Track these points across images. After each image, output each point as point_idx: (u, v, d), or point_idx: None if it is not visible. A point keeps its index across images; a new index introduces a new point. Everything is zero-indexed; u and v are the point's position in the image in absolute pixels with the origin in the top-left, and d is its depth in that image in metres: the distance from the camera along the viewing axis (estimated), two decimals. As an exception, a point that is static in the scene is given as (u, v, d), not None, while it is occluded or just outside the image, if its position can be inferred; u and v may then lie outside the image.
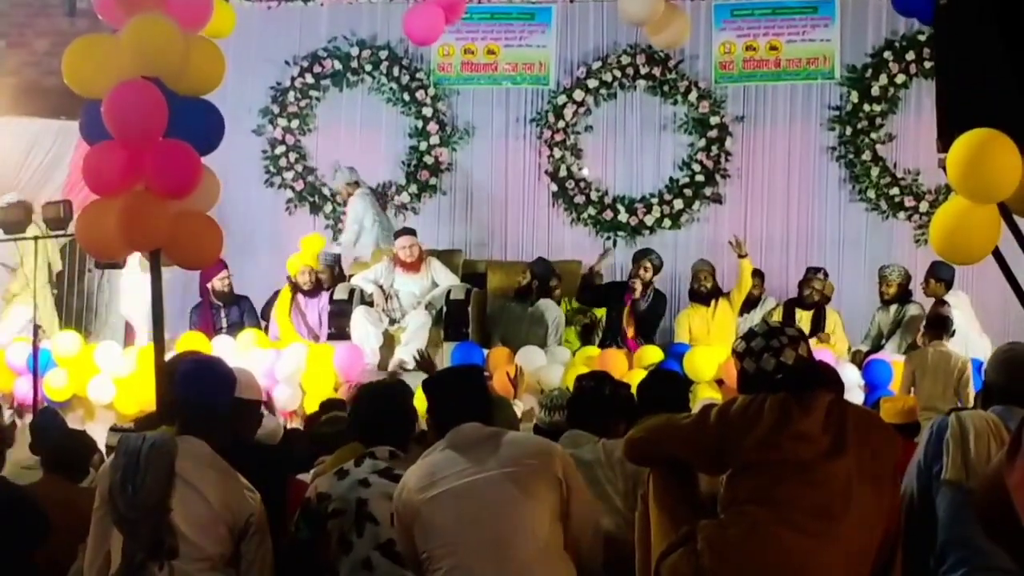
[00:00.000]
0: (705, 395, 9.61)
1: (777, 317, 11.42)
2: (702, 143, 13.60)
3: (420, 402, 4.71)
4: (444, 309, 11.33)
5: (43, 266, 11.58)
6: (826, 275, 11.80)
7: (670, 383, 5.97)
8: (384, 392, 5.10)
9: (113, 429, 6.93)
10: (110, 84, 6.28)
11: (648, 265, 11.79)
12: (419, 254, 11.71)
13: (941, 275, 10.89)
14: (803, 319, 11.35)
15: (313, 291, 12.01)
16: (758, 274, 12.15)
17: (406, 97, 13.99)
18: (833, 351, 10.64)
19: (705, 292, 11.65)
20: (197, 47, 6.64)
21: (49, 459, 6.09)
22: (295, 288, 11.98)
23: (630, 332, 11.49)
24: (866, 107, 13.31)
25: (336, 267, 12.52)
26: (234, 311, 11.90)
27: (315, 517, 4.60)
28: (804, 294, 11.69)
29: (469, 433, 4.25)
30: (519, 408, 7.83)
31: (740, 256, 11.46)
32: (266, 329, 11.81)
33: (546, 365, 10.47)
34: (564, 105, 13.77)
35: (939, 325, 10.24)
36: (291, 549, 4.65)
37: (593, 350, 10.83)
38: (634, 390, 5.80)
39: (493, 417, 4.48)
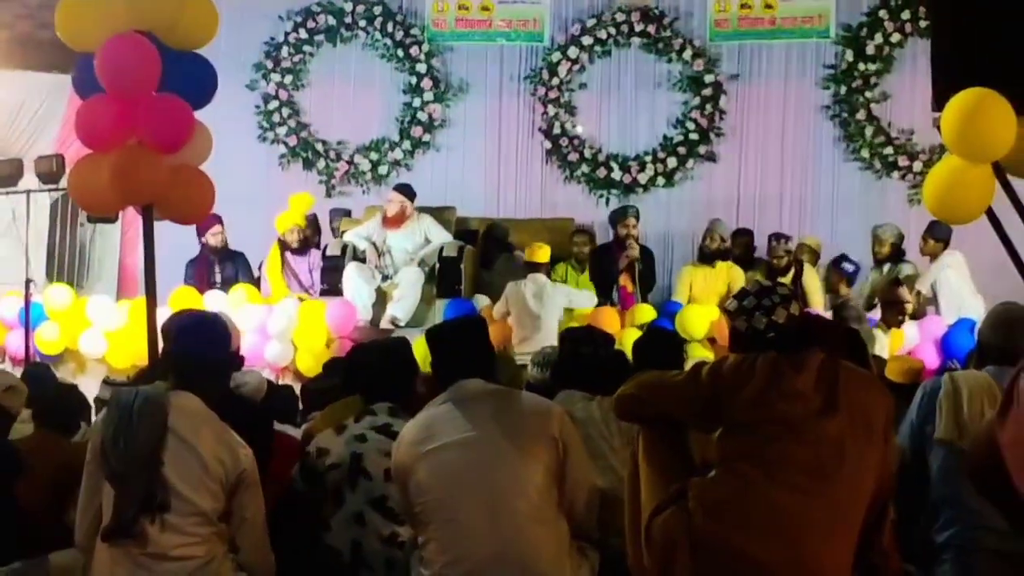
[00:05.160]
0: (698, 354, 9.60)
1: (761, 277, 11.36)
2: (696, 101, 13.57)
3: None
4: (437, 266, 11.29)
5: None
6: (787, 239, 11.54)
7: (666, 342, 5.97)
8: (385, 349, 5.12)
9: (106, 382, 6.91)
10: (103, 37, 6.23)
11: (633, 221, 11.66)
12: (401, 210, 11.53)
13: (938, 234, 10.88)
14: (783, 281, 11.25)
15: (302, 249, 11.98)
16: (746, 233, 12.10)
17: (400, 53, 13.94)
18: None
19: (711, 252, 11.51)
20: (190, 1, 6.60)
21: (41, 413, 6.08)
22: (283, 246, 11.94)
23: (629, 286, 11.37)
24: (861, 66, 13.29)
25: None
26: (228, 267, 11.86)
27: (313, 471, 4.62)
28: (771, 261, 11.53)
29: (471, 389, 4.25)
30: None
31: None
32: (259, 285, 11.76)
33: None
34: (558, 62, 13.72)
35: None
36: (287, 502, 4.66)
37: (586, 308, 10.79)
38: (628, 349, 5.81)
39: (495, 370, 4.47)
